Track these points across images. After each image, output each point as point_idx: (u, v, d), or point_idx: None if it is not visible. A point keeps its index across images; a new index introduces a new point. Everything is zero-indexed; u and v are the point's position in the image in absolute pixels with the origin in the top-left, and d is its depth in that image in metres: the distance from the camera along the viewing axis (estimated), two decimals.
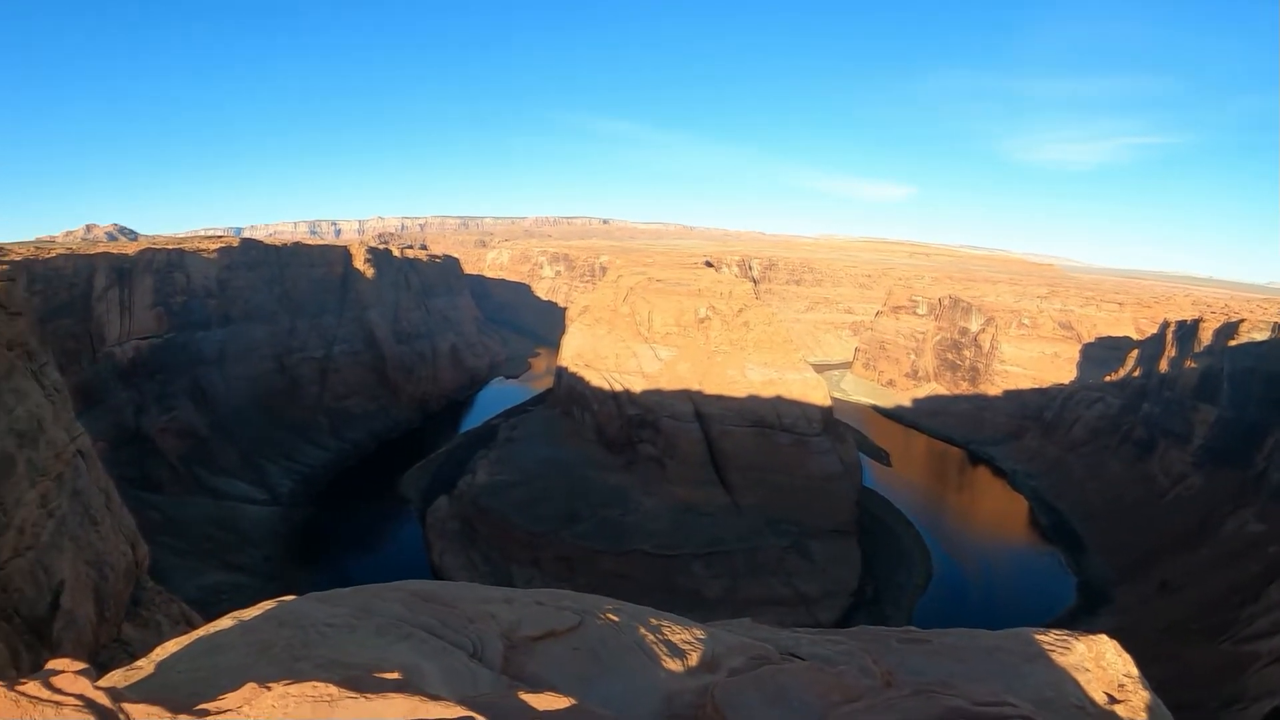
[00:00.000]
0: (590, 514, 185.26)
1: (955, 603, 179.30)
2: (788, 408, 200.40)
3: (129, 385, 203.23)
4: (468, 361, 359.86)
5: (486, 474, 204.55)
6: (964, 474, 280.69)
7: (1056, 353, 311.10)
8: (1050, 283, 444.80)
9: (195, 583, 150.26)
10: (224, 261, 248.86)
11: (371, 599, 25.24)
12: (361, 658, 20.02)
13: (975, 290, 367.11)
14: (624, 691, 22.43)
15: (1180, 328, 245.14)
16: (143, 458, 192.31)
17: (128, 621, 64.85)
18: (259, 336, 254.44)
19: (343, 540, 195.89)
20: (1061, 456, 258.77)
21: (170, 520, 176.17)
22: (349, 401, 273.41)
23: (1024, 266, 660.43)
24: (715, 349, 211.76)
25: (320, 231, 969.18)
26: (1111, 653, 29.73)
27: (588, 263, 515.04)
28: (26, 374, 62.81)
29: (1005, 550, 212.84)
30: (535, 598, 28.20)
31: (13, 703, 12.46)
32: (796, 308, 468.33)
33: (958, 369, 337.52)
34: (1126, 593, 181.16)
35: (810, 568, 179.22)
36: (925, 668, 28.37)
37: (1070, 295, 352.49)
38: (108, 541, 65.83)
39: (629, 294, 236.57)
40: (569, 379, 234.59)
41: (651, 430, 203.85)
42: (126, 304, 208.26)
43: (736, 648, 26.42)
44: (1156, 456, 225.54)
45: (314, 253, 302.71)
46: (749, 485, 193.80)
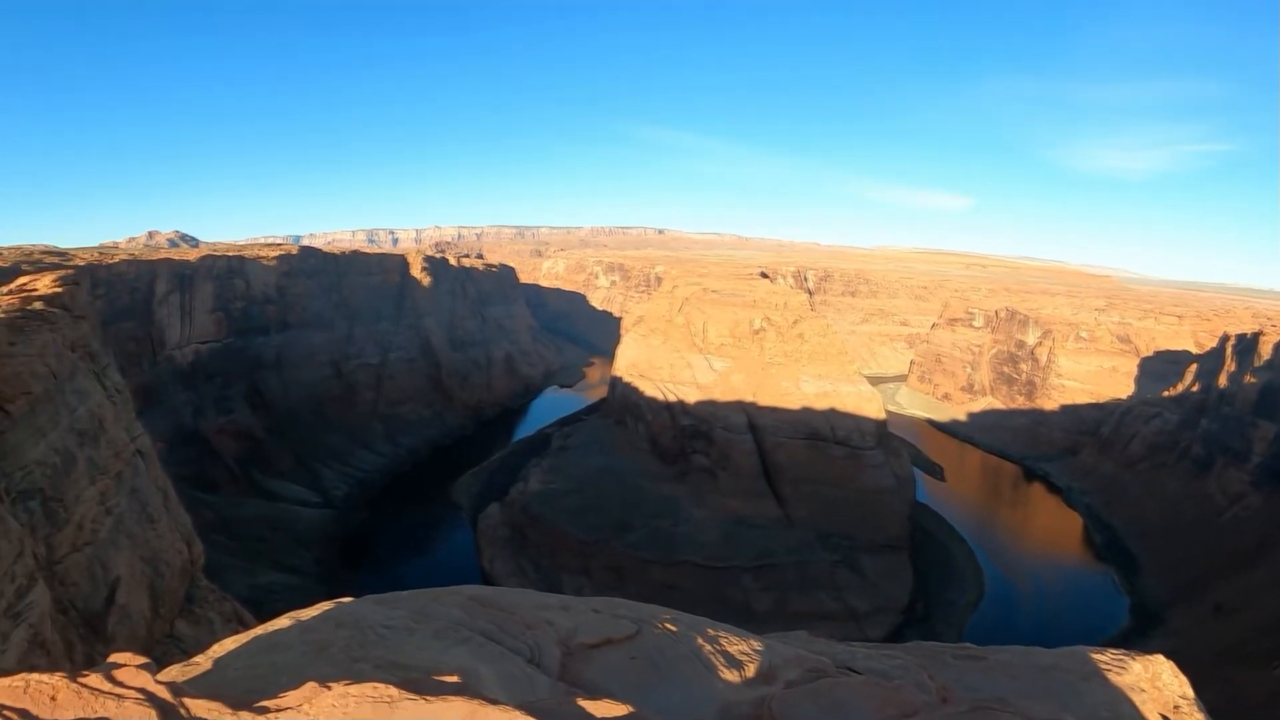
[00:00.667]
0: (641, 524, 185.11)
1: (1007, 621, 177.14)
2: (841, 420, 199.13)
3: (188, 388, 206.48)
4: (522, 370, 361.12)
5: (539, 482, 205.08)
6: (1018, 490, 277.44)
7: (1114, 367, 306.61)
8: (1108, 295, 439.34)
9: (248, 582, 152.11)
10: (283, 268, 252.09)
11: (429, 603, 25.25)
12: (419, 660, 20.04)
13: (1032, 302, 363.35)
14: (681, 701, 22.29)
15: (1240, 341, 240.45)
16: (200, 458, 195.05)
17: (181, 618, 65.71)
18: (316, 342, 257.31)
19: (394, 544, 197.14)
20: (1117, 473, 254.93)
21: (225, 520, 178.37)
22: (404, 408, 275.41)
23: (1081, 278, 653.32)
24: (770, 360, 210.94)
25: (378, 240, 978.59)
26: (1168, 674, 29.26)
27: (643, 273, 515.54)
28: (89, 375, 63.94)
29: (1058, 568, 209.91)
30: (592, 606, 28.11)
31: (75, 694, 12.54)
32: (851, 319, 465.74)
33: (1014, 383, 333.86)
34: (1180, 614, 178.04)
35: (861, 583, 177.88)
36: (981, 684, 28.09)
37: (1128, 308, 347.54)
38: (164, 539, 66.77)
39: (684, 304, 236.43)
40: (623, 389, 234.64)
41: (705, 441, 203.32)
42: (187, 309, 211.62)
43: (793, 660, 26.18)
44: (1214, 474, 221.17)
45: (371, 261, 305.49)
46: (801, 498, 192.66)
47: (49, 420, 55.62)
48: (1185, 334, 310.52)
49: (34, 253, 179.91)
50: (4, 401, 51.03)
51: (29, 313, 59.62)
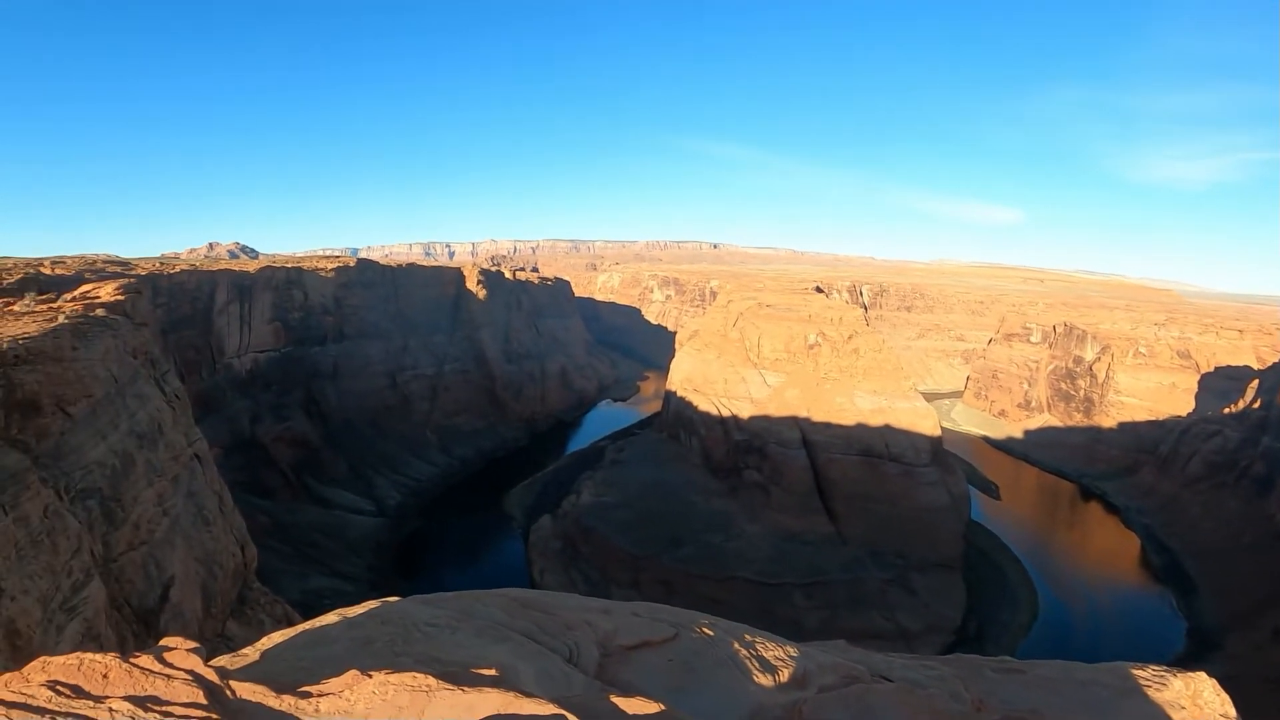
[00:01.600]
0: (692, 538, 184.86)
1: (1059, 644, 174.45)
2: (896, 437, 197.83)
3: (246, 395, 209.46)
4: (576, 383, 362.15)
5: (591, 495, 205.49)
6: (1075, 509, 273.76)
7: (1174, 383, 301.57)
8: (1168, 309, 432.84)
9: (299, 586, 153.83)
10: (340, 280, 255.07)
11: (472, 603, 25.69)
12: (459, 656, 20.31)
13: (1090, 317, 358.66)
14: (713, 702, 22.44)
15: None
16: (256, 464, 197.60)
17: (233, 619, 66.61)
18: (372, 353, 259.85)
19: (446, 553, 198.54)
20: (1176, 493, 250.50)
21: (279, 525, 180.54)
22: (458, 419, 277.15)
23: (1140, 292, 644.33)
24: (824, 376, 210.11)
25: (434, 253, 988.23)
26: (1210, 691, 28.90)
27: (697, 287, 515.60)
28: (149, 380, 65.14)
29: (1114, 591, 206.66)
30: (632, 609, 28.39)
31: (126, 673, 13.01)
32: (907, 334, 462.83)
33: (1071, 399, 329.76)
34: (1238, 640, 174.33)
35: (913, 602, 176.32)
36: (1018, 698, 27.82)
37: (1189, 322, 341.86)
38: (218, 541, 67.74)
39: (738, 319, 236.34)
40: (677, 403, 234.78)
41: (758, 456, 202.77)
42: (246, 318, 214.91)
43: (829, 667, 26.26)
44: (1276, 494, 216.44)
45: (427, 273, 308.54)
46: (853, 515, 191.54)
47: (109, 423, 56.66)
48: (1247, 349, 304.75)
49: (97, 261, 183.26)
50: (65, 404, 52.06)
51: (91, 319, 60.84)
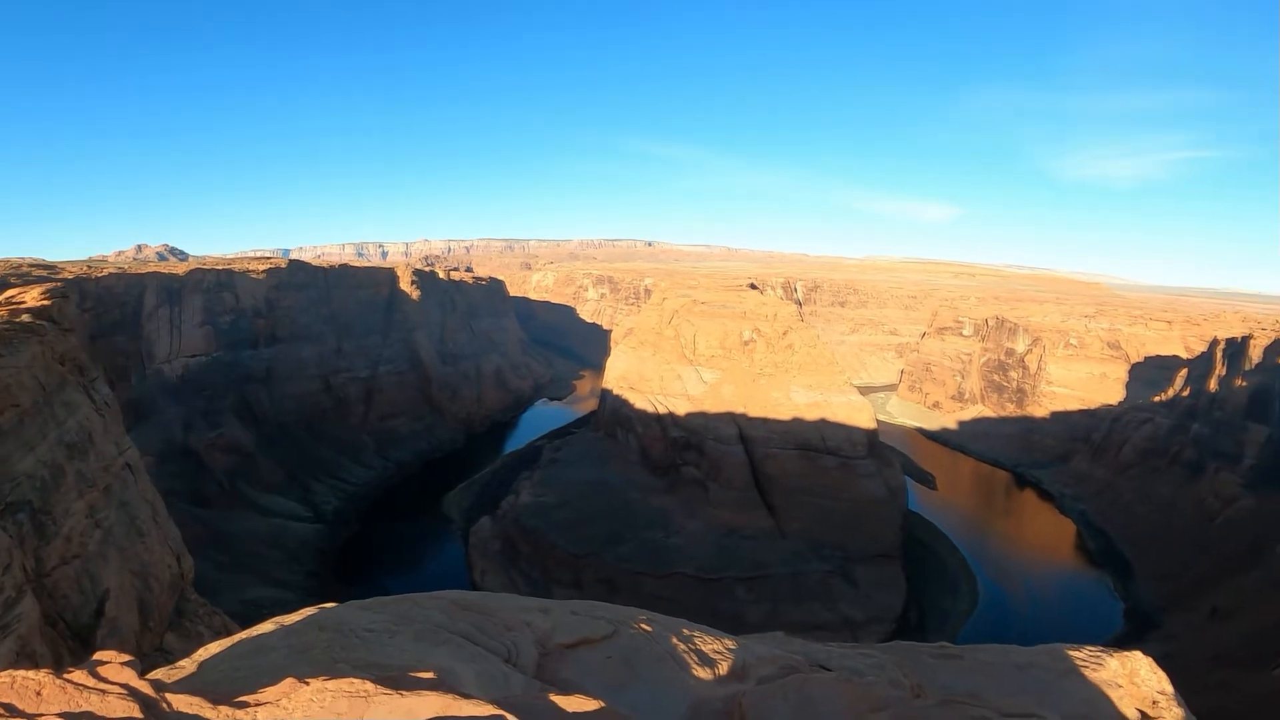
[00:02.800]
0: (633, 536, 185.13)
1: (1001, 628, 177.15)
2: (832, 430, 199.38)
3: (178, 402, 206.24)
4: (512, 383, 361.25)
5: (530, 495, 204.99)
6: (1011, 497, 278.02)
7: (1104, 373, 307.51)
8: (1097, 302, 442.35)
9: (239, 596, 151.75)
10: (272, 282, 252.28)
11: (411, 607, 25.64)
12: (399, 660, 20.24)
13: (1021, 310, 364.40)
14: (653, 698, 22.63)
15: (1230, 345, 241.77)
16: (190, 473, 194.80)
17: (171, 632, 65.58)
18: (306, 356, 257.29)
19: (386, 558, 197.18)
20: (1110, 479, 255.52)
21: (216, 535, 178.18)
22: (394, 421, 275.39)
23: (1070, 285, 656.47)
24: (760, 371, 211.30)
25: (366, 253, 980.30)
26: (1146, 669, 29.48)
27: (632, 285, 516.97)
28: (77, 388, 63.87)
29: (1052, 575, 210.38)
30: (570, 608, 28.52)
31: (60, 689, 12.85)
32: (841, 330, 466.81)
33: (1004, 390, 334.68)
34: (1175, 619, 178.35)
35: (854, 593, 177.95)
36: (956, 682, 28.36)
37: (1118, 314, 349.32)
38: (153, 553, 66.62)
39: (673, 316, 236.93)
40: (613, 401, 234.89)
41: (695, 453, 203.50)
42: (176, 322, 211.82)
43: (767, 658, 26.61)
44: (1207, 478, 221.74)
45: (360, 274, 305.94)
46: (793, 509, 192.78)
47: (37, 433, 55.52)
48: (1175, 339, 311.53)
49: (22, 265, 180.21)
50: None
51: (16, 325, 59.53)
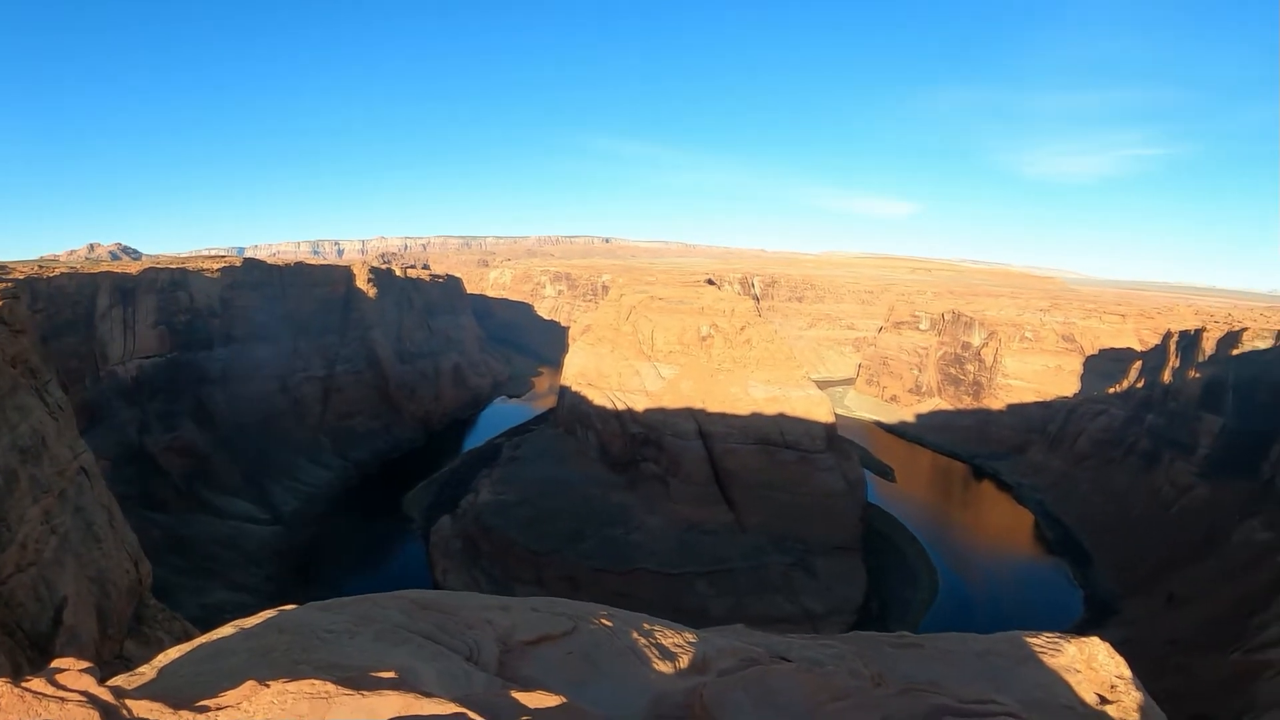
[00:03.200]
0: (594, 533, 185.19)
1: (961, 617, 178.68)
2: (791, 425, 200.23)
3: (132, 404, 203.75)
4: (470, 381, 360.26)
5: (490, 493, 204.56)
6: (969, 488, 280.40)
7: (1059, 365, 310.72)
8: (1052, 296, 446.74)
9: (198, 601, 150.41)
10: (227, 281, 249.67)
11: (371, 607, 25.56)
12: (360, 661, 20.20)
13: (977, 305, 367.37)
14: (614, 692, 22.73)
15: (1183, 338, 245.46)
16: (146, 476, 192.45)
17: (130, 638, 64.92)
18: (262, 356, 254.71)
19: (346, 559, 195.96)
20: (1066, 469, 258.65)
21: (173, 539, 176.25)
22: (352, 421, 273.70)
23: (1025, 280, 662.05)
24: (718, 367, 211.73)
25: (323, 251, 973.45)
26: (1103, 654, 29.86)
27: (589, 282, 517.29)
28: (30, 391, 63.02)
29: (1011, 564, 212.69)
30: (531, 605, 28.55)
31: (18, 698, 12.73)
32: (798, 324, 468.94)
33: (961, 383, 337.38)
34: (1134, 605, 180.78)
35: (816, 585, 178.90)
36: (916, 671, 28.59)
37: (1072, 308, 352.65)
38: (111, 559, 65.94)
39: (631, 312, 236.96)
40: (572, 398, 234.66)
41: (655, 449, 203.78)
42: (130, 323, 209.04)
43: (727, 651, 26.73)
44: (1162, 468, 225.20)
45: (316, 273, 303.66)
46: (753, 503, 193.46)
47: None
48: (1129, 332, 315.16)
49: None
50: None
51: None
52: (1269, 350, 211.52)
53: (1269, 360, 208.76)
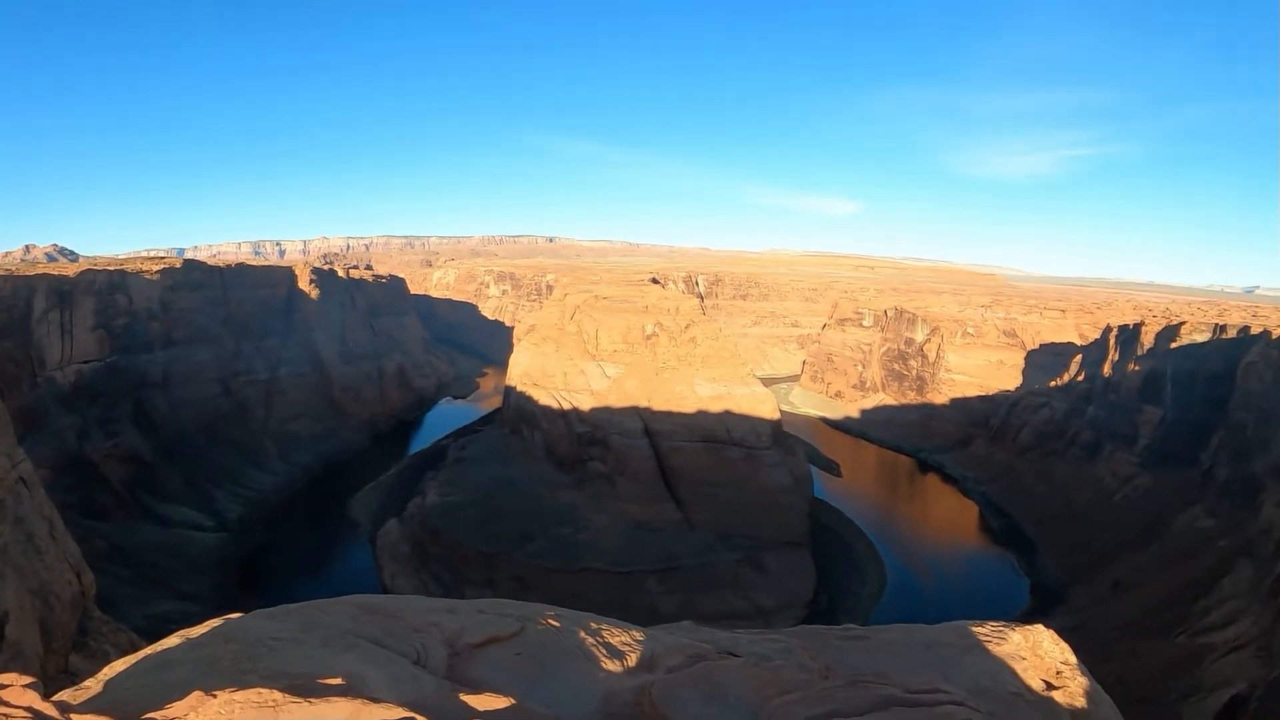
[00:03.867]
0: (542, 533, 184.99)
1: (910, 610, 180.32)
2: (737, 422, 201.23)
3: (71, 410, 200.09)
4: (415, 382, 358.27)
5: (437, 495, 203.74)
6: (914, 482, 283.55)
7: (1001, 360, 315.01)
8: (993, 292, 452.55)
9: (143, 611, 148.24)
10: (166, 283, 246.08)
11: (317, 613, 25.50)
12: (306, 668, 20.11)
13: (920, 301, 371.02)
14: (564, 692, 22.81)
15: (1122, 332, 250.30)
16: (87, 484, 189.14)
17: (75, 652, 64.06)
18: (203, 359, 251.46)
19: (292, 565, 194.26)
20: (1010, 462, 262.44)
21: (116, 548, 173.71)
22: (296, 424, 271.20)
23: (967, 277, 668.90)
24: (663, 365, 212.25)
25: (264, 252, 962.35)
26: (1048, 641, 30.23)
27: (534, 281, 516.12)
28: None
29: (958, 556, 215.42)
30: (478, 607, 28.58)
31: None
32: (743, 322, 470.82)
33: (904, 379, 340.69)
34: (1080, 593, 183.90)
35: (765, 580, 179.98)
36: (863, 663, 28.66)
37: (1013, 304, 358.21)
38: (53, 571, 64.97)
39: (576, 312, 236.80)
40: (517, 398, 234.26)
41: (601, 448, 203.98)
42: (67, 326, 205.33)
43: (675, 648, 26.85)
44: (1104, 458, 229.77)
45: (258, 274, 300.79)
46: (700, 500, 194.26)
47: None
48: (1069, 327, 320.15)
49: None
50: None
51: None
52: (1206, 343, 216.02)
53: (1206, 353, 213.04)
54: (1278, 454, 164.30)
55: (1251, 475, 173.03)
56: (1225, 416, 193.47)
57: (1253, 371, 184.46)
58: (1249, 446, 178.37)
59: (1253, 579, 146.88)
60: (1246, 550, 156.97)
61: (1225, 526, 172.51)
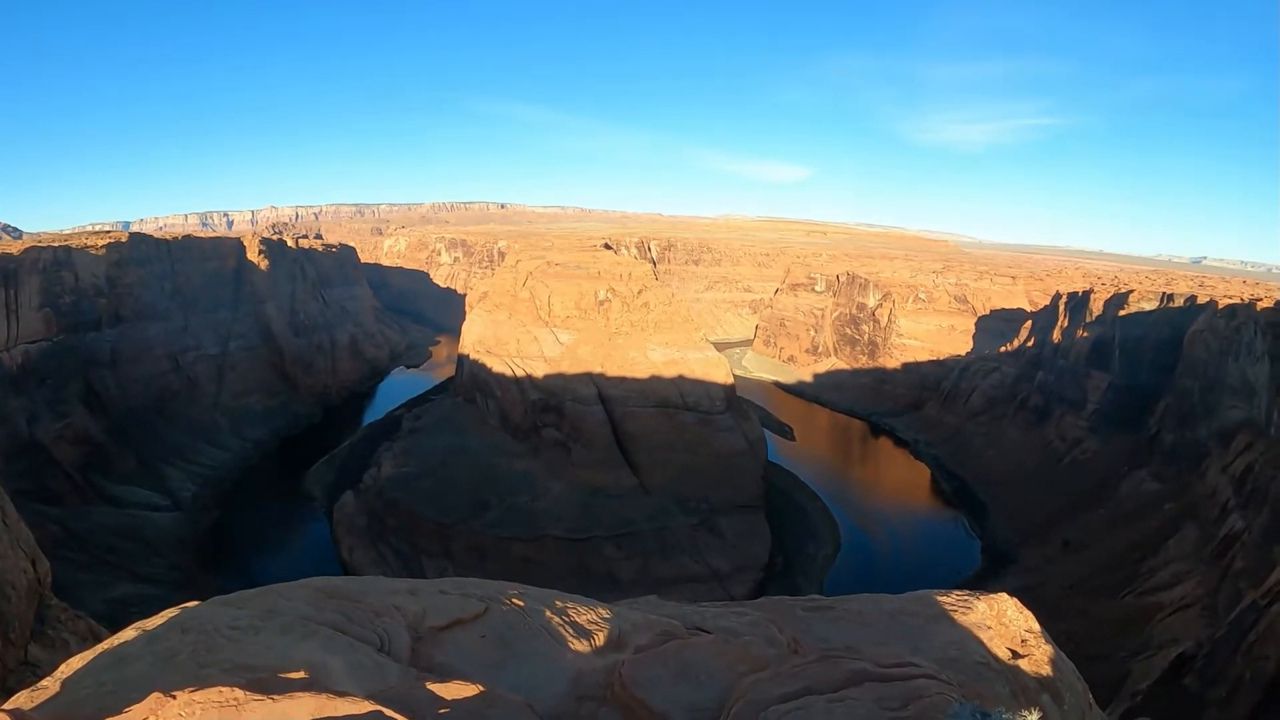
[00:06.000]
0: (499, 501, 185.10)
1: (865, 571, 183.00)
2: (690, 387, 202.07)
3: (19, 392, 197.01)
4: (368, 352, 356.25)
5: (392, 466, 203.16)
6: (867, 446, 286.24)
7: (952, 326, 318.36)
8: (945, 258, 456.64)
9: (102, 596, 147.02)
10: (113, 258, 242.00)
11: (276, 599, 24.72)
12: (267, 659, 19.93)
13: (872, 267, 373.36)
14: (532, 675, 22.77)
15: (1072, 299, 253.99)
16: (38, 468, 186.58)
17: (34, 642, 63.58)
18: (152, 335, 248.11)
19: (250, 542, 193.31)
20: (961, 425, 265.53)
21: (71, 533, 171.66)
22: (248, 399, 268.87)
23: (919, 243, 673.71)
24: (616, 331, 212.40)
25: (212, 223, 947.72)
26: (1012, 610, 30.44)
27: (486, 248, 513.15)
28: None
29: (911, 518, 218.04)
30: (440, 587, 28.15)
31: None
32: (696, 288, 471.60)
33: (857, 344, 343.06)
34: (1030, 554, 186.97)
35: (721, 544, 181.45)
36: (831, 634, 28.91)
37: (965, 270, 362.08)
38: (6, 559, 64.40)
39: (528, 278, 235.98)
40: (471, 366, 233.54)
41: (555, 415, 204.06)
42: (12, 306, 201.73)
43: (643, 625, 26.89)
44: (1053, 422, 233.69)
45: (206, 246, 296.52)
46: (655, 465, 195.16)
47: None
48: (1019, 293, 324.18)
49: None
50: None
51: None
52: (1154, 311, 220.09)
53: (1154, 320, 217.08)
54: (1222, 420, 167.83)
55: (1196, 440, 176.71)
56: (1171, 383, 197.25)
57: (1199, 340, 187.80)
58: (1194, 412, 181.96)
59: (1197, 541, 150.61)
60: (1192, 513, 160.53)
61: (1171, 490, 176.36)
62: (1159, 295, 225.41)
